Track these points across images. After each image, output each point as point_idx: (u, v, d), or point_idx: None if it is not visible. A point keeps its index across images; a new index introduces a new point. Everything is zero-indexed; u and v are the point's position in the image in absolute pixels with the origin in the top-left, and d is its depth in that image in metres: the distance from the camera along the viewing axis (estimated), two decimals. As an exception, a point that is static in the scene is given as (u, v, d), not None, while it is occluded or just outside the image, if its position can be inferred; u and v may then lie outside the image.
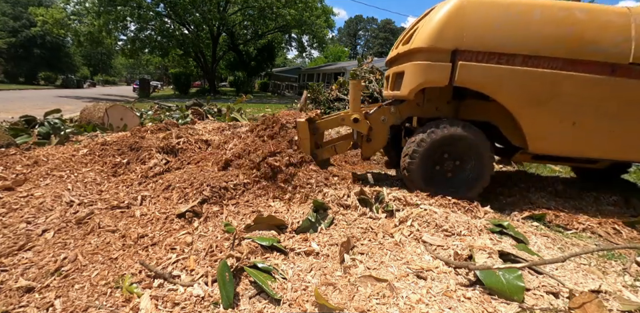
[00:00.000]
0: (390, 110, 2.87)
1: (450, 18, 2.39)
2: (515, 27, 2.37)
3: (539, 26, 2.37)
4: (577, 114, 2.48)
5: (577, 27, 2.37)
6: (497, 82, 2.43)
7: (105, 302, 1.33)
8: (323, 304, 1.25)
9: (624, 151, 2.62)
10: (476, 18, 2.39)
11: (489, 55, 2.40)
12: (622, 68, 2.39)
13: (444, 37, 2.40)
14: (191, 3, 20.79)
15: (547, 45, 2.38)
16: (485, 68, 2.41)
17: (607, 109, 2.47)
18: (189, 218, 2.00)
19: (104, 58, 53.63)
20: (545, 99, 2.46)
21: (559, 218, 2.48)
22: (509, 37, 2.38)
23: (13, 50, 31.77)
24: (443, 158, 2.64)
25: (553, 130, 2.54)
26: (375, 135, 2.91)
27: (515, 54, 2.40)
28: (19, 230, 1.87)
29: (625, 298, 1.48)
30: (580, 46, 2.37)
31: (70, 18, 20.13)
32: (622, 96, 2.45)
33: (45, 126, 4.44)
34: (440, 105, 2.86)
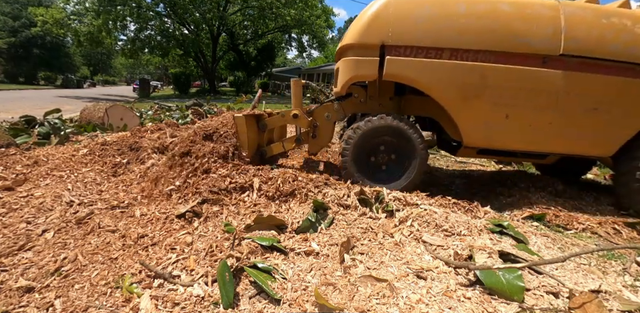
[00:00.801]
0: (334, 106, 2.91)
1: (376, 14, 2.45)
2: (441, 22, 2.41)
3: (464, 20, 2.40)
4: (509, 107, 2.48)
5: (503, 20, 2.39)
6: (426, 75, 2.46)
7: (104, 302, 1.33)
8: (322, 304, 1.25)
9: (563, 144, 2.61)
10: (402, 14, 2.43)
11: (416, 49, 2.44)
12: (553, 60, 2.40)
13: (371, 33, 2.45)
14: (190, 3, 20.77)
15: (473, 38, 2.40)
16: (413, 62, 2.45)
17: (541, 101, 2.46)
18: (189, 218, 2.00)
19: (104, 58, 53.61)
20: (475, 92, 2.47)
21: (558, 218, 2.47)
22: (436, 32, 2.41)
23: (12, 50, 31.75)
24: (378, 150, 2.68)
25: (486, 123, 2.53)
26: (320, 132, 2.96)
27: (443, 48, 2.43)
28: (19, 230, 1.87)
29: (625, 298, 1.48)
30: (508, 38, 2.39)
31: (70, 18, 20.11)
32: (556, 88, 2.44)
33: (45, 126, 4.44)
34: (383, 101, 2.89)
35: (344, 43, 2.65)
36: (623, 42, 2.39)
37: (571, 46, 2.39)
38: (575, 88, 2.45)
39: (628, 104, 2.50)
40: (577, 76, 2.43)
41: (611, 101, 2.49)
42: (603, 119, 2.51)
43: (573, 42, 2.38)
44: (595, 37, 2.39)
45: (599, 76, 2.44)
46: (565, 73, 2.42)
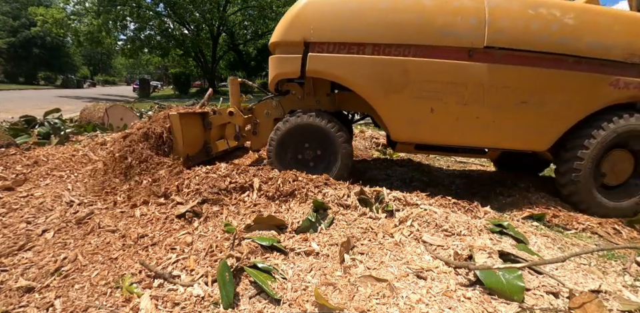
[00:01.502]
0: (272, 104, 2.95)
1: (298, 12, 2.48)
2: (362, 17, 2.41)
3: (386, 15, 2.38)
4: (434, 101, 2.46)
5: (426, 13, 2.36)
6: (348, 71, 2.47)
7: (105, 302, 1.33)
8: (322, 304, 1.25)
9: (494, 138, 2.57)
10: (323, 10, 2.46)
11: (338, 46, 2.45)
12: (478, 53, 2.37)
13: (293, 31, 2.49)
14: (190, 3, 20.76)
15: (395, 33, 2.39)
16: (335, 58, 2.45)
17: (467, 95, 2.42)
18: (189, 218, 2.00)
19: (104, 58, 53.61)
20: (399, 87, 2.45)
21: (558, 218, 2.48)
22: (357, 27, 2.41)
23: (12, 50, 31.75)
24: (303, 147, 2.70)
25: (411, 117, 2.52)
26: (260, 128, 3.00)
27: (365, 44, 2.42)
28: (19, 230, 1.87)
29: (625, 298, 1.48)
30: (431, 32, 2.36)
31: (70, 18, 20.10)
32: (482, 81, 2.40)
33: (45, 126, 4.44)
34: (320, 98, 2.90)
35: (270, 41, 2.69)
36: (551, 33, 2.35)
37: (495, 38, 2.34)
38: (501, 81, 2.40)
39: (560, 97, 2.45)
40: (503, 68, 2.39)
41: (541, 94, 2.43)
42: (534, 113, 2.46)
43: (497, 34, 2.34)
44: (521, 28, 2.35)
45: (527, 69, 2.39)
46: (490, 66, 2.38)
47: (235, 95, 2.99)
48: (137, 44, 22.03)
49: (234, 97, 2.99)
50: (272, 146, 2.66)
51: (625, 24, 2.43)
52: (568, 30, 2.35)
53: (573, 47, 2.36)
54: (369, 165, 4.03)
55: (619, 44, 2.39)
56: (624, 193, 2.62)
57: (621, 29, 2.41)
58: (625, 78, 2.43)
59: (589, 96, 2.46)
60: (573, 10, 2.37)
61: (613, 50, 2.39)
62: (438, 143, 2.67)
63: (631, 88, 2.45)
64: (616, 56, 2.40)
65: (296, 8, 2.52)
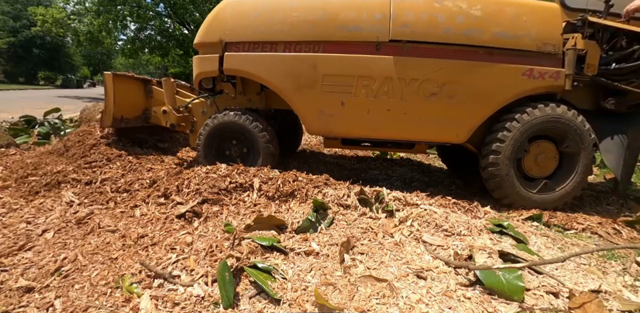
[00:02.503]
0: (207, 102, 3.06)
1: (215, 14, 2.65)
2: (274, 17, 2.51)
3: (295, 14, 2.47)
4: (344, 95, 2.52)
5: (333, 10, 2.44)
6: (262, 69, 2.58)
7: (105, 302, 1.33)
8: (322, 304, 1.25)
9: (408, 131, 2.60)
10: (238, 11, 2.60)
11: (252, 45, 2.57)
12: (385, 46, 2.43)
13: (210, 32, 2.65)
14: (190, 3, 20.76)
15: (304, 30, 2.48)
16: (249, 56, 2.58)
17: (377, 88, 2.47)
18: (189, 218, 2.00)
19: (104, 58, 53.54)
20: (309, 82, 2.52)
21: (558, 218, 2.47)
22: (269, 26, 2.52)
23: (12, 50, 31.74)
24: (230, 144, 2.81)
25: (322, 111, 2.58)
26: (197, 126, 3.07)
27: (277, 42, 2.53)
28: (19, 230, 1.87)
29: (625, 298, 1.48)
30: (337, 28, 2.44)
31: (70, 18, 20.10)
32: (389, 74, 2.44)
33: (45, 126, 4.44)
34: (251, 97, 3.00)
35: (194, 42, 2.83)
36: (457, 25, 2.37)
37: (400, 32, 2.39)
38: (409, 73, 2.44)
39: (472, 88, 2.45)
40: (410, 61, 2.43)
41: (452, 86, 2.44)
42: (445, 104, 2.48)
43: (401, 27, 2.38)
44: (426, 21, 2.38)
45: (434, 61, 2.42)
46: (397, 59, 2.42)
47: (170, 95, 3.10)
48: (137, 44, 22.02)
49: (169, 97, 3.10)
50: (200, 141, 2.77)
51: (535, 13, 2.43)
52: (474, 22, 2.37)
53: (480, 38, 2.38)
54: (369, 165, 4.03)
55: (530, 34, 2.39)
56: (550, 185, 2.59)
57: (531, 19, 2.40)
58: (539, 68, 2.42)
59: (501, 86, 2.46)
60: (479, 2, 2.39)
61: (523, 40, 2.39)
62: (353, 136, 2.73)
63: (547, 78, 2.43)
64: (527, 45, 2.40)
65: (214, 11, 2.68)
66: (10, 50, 31.55)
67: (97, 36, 19.90)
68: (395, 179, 3.45)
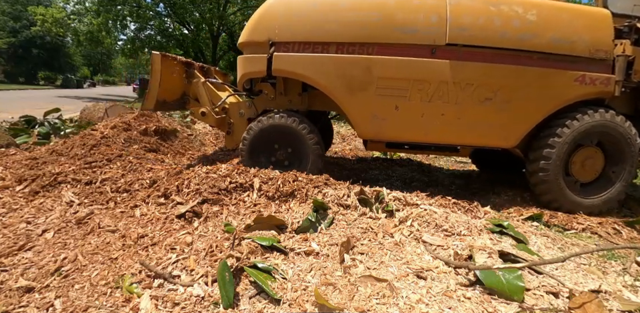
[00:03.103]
0: (246, 104, 2.97)
1: (264, 12, 2.54)
2: (326, 16, 2.42)
3: (348, 14, 2.40)
4: (398, 99, 2.46)
5: (388, 12, 2.37)
6: (313, 70, 2.49)
7: (105, 302, 1.33)
8: (322, 304, 1.25)
9: (460, 135, 2.57)
10: (288, 11, 2.49)
11: (303, 45, 2.48)
12: (441, 50, 2.38)
13: (259, 31, 2.54)
14: (190, 3, 20.75)
15: (357, 32, 2.40)
16: (300, 57, 2.48)
17: (431, 92, 2.43)
18: (189, 218, 2.00)
19: (104, 58, 53.53)
20: (362, 85, 2.46)
21: (558, 218, 2.48)
22: (321, 27, 2.44)
23: (12, 50, 31.74)
24: (274, 147, 2.71)
25: (375, 115, 2.53)
26: (235, 128, 3.00)
27: (329, 43, 2.44)
28: (19, 230, 1.87)
29: (625, 298, 1.48)
30: (393, 30, 2.37)
31: (70, 18, 20.10)
32: (445, 78, 2.40)
33: (45, 126, 4.44)
34: (292, 98, 2.91)
35: (239, 42, 2.75)
36: (513, 30, 2.34)
37: (457, 36, 2.35)
38: (465, 78, 2.41)
39: (524, 94, 2.43)
40: (466, 65, 2.40)
41: (506, 91, 2.43)
42: (498, 109, 2.46)
43: (458, 31, 2.34)
44: (482, 25, 2.35)
45: (490, 65, 2.40)
46: (453, 63, 2.38)
47: (203, 97, 3.02)
48: (137, 44, 22.02)
49: (203, 99, 3.02)
50: (245, 145, 2.67)
51: (587, 19, 2.42)
52: (530, 27, 2.35)
53: (535, 43, 2.36)
54: (369, 165, 4.03)
55: (583, 40, 2.37)
56: (597, 190, 2.59)
57: (584, 24, 2.39)
58: (590, 74, 2.42)
59: (554, 92, 2.45)
60: (535, 7, 2.37)
61: (577, 46, 2.38)
62: (404, 141, 2.69)
63: (597, 84, 2.43)
64: (581, 51, 2.39)
65: (262, 9, 2.56)
66: (10, 50, 31.54)
67: (96, 36, 19.90)
68: (394, 179, 3.45)
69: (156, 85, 2.77)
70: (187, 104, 3.13)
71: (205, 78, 3.10)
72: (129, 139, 3.34)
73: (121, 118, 3.76)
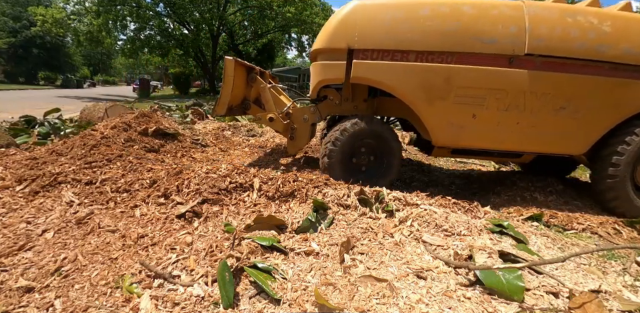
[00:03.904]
0: (310, 109, 3.01)
1: (343, 19, 2.53)
2: (406, 25, 2.45)
3: (428, 23, 2.42)
4: (476, 107, 2.51)
5: (467, 22, 2.40)
6: (392, 78, 2.51)
7: (105, 302, 1.33)
8: (322, 304, 1.25)
9: (533, 143, 2.62)
10: (368, 18, 2.50)
11: (382, 53, 2.49)
12: (519, 60, 2.42)
13: (338, 38, 2.53)
14: (190, 3, 20.75)
15: (438, 41, 2.43)
16: (379, 65, 2.50)
17: (509, 101, 2.47)
18: (189, 218, 2.00)
19: (104, 58, 53.59)
20: (441, 93, 2.49)
21: (558, 218, 2.48)
22: (400, 35, 2.45)
23: (12, 50, 31.74)
24: (359, 152, 2.75)
25: (453, 123, 2.57)
26: (298, 133, 3.04)
27: (408, 51, 2.46)
28: (19, 230, 1.87)
29: (625, 298, 1.48)
30: (472, 40, 2.41)
31: (70, 18, 20.10)
32: (522, 88, 2.45)
33: (45, 126, 4.44)
34: (358, 104, 2.97)
35: (314, 48, 2.73)
36: (589, 40, 2.39)
37: (535, 46, 2.39)
38: (541, 87, 2.45)
39: (597, 103, 2.49)
40: (543, 75, 2.44)
41: (579, 100, 2.48)
42: (571, 118, 2.51)
43: (537, 41, 2.38)
44: (560, 36, 2.39)
45: (565, 75, 2.44)
46: (531, 73, 2.43)
47: (269, 102, 3.05)
48: (137, 44, 22.02)
49: (269, 104, 3.04)
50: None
51: None
52: (605, 38, 2.40)
53: (609, 54, 2.41)
54: (369, 165, 4.01)
55: None
56: None
57: None
58: None
59: (625, 101, 2.52)
60: (610, 18, 2.42)
61: None
62: (478, 148, 2.71)
63: None
64: None
65: (340, 16, 2.55)
66: (10, 50, 31.56)
67: (96, 36, 19.92)
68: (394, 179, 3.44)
69: (228, 91, 2.79)
70: (247, 110, 3.13)
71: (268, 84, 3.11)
72: (129, 139, 3.33)
73: (121, 118, 3.76)
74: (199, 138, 4.42)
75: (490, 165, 4.53)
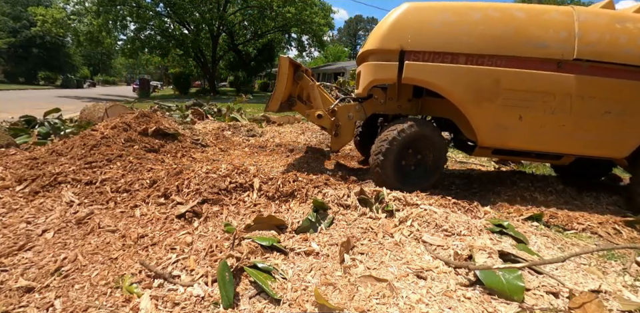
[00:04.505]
0: (355, 107, 3.10)
1: (396, 22, 2.61)
2: (457, 28, 2.52)
3: (479, 27, 2.49)
4: (523, 109, 2.56)
5: (518, 26, 2.46)
6: (442, 79, 2.57)
7: (105, 302, 1.33)
8: (322, 304, 1.25)
9: (576, 145, 2.67)
10: (420, 21, 2.58)
11: (433, 55, 2.57)
12: (567, 64, 2.47)
13: (390, 39, 2.61)
14: (190, 3, 20.76)
15: (488, 44, 2.50)
16: (430, 66, 2.58)
17: (555, 104, 2.53)
18: (189, 218, 2.00)
19: (104, 58, 53.60)
20: (489, 95, 2.55)
21: (558, 218, 2.47)
22: (452, 38, 2.54)
23: (12, 50, 31.75)
24: (408, 154, 2.82)
25: (500, 124, 2.63)
26: (342, 130, 3.13)
27: (458, 54, 2.54)
28: (19, 230, 1.87)
29: (625, 298, 1.48)
30: (522, 44, 2.46)
31: (70, 18, 20.11)
32: (569, 92, 2.50)
33: (45, 126, 4.44)
34: (402, 103, 3.06)
35: (366, 49, 2.80)
36: (636, 47, 2.44)
37: (584, 51, 2.44)
38: (588, 91, 2.51)
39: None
40: (590, 80, 2.49)
41: (624, 104, 2.54)
42: (615, 122, 2.56)
43: (586, 47, 2.44)
44: (609, 42, 2.44)
45: (612, 80, 2.49)
46: (578, 77, 2.48)
47: (317, 99, 3.16)
48: (136, 44, 22.03)
49: (316, 101, 3.17)
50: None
51: None
52: None
53: None
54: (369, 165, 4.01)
55: None
56: None
57: None
58: None
59: None
60: None
61: None
62: (522, 148, 2.78)
63: None
64: None
65: (393, 18, 2.62)
66: (10, 50, 31.56)
67: (96, 36, 19.92)
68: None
69: (282, 88, 2.91)
70: (292, 106, 3.23)
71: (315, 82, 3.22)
72: (129, 139, 3.33)
73: (121, 118, 3.76)
74: (199, 138, 4.41)
75: (490, 165, 4.52)
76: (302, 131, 5.78)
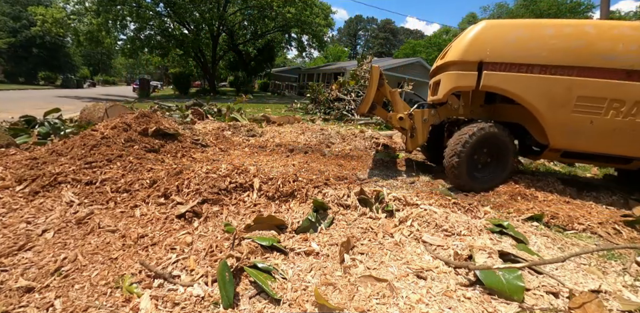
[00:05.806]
0: (430, 112, 3.47)
1: (476, 37, 2.95)
2: (531, 42, 2.81)
3: (552, 41, 2.75)
4: (594, 115, 2.77)
5: (589, 40, 2.70)
6: (518, 87, 2.87)
7: (105, 302, 1.33)
8: (322, 304, 1.25)
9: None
10: (497, 36, 2.91)
11: (509, 65, 2.89)
12: (636, 73, 2.67)
13: (471, 52, 2.95)
14: (190, 3, 20.75)
15: (560, 56, 2.75)
16: (507, 76, 2.88)
17: (625, 110, 2.72)
18: (189, 218, 2.00)
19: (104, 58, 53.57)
20: (562, 101, 2.79)
21: (558, 218, 2.47)
22: (527, 51, 2.83)
23: (12, 50, 31.74)
24: (482, 153, 3.09)
25: (572, 128, 2.85)
26: (417, 132, 3.49)
27: (533, 65, 2.80)
28: (19, 230, 1.87)
29: (625, 298, 1.48)
30: (592, 56, 2.69)
31: (70, 18, 20.09)
32: (638, 98, 2.68)
33: (45, 126, 4.44)
34: (474, 108, 3.43)
35: (447, 60, 3.13)
36: None
37: None
38: None
39: None
40: None
41: None
42: None
43: None
44: None
45: None
46: None
47: (398, 104, 3.50)
48: (136, 44, 22.02)
49: (397, 105, 3.50)
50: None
51: None
52: None
53: None
54: (370, 165, 4.02)
55: None
56: None
57: None
58: None
59: None
60: None
61: None
62: (592, 151, 2.96)
63: None
64: None
65: (474, 33, 2.95)
66: (10, 50, 31.55)
67: (96, 36, 19.91)
68: (395, 180, 3.44)
69: (372, 93, 3.28)
70: (374, 110, 3.49)
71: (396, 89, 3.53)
72: (129, 139, 3.33)
73: (121, 118, 3.76)
74: (199, 138, 4.41)
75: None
76: (302, 131, 5.77)
